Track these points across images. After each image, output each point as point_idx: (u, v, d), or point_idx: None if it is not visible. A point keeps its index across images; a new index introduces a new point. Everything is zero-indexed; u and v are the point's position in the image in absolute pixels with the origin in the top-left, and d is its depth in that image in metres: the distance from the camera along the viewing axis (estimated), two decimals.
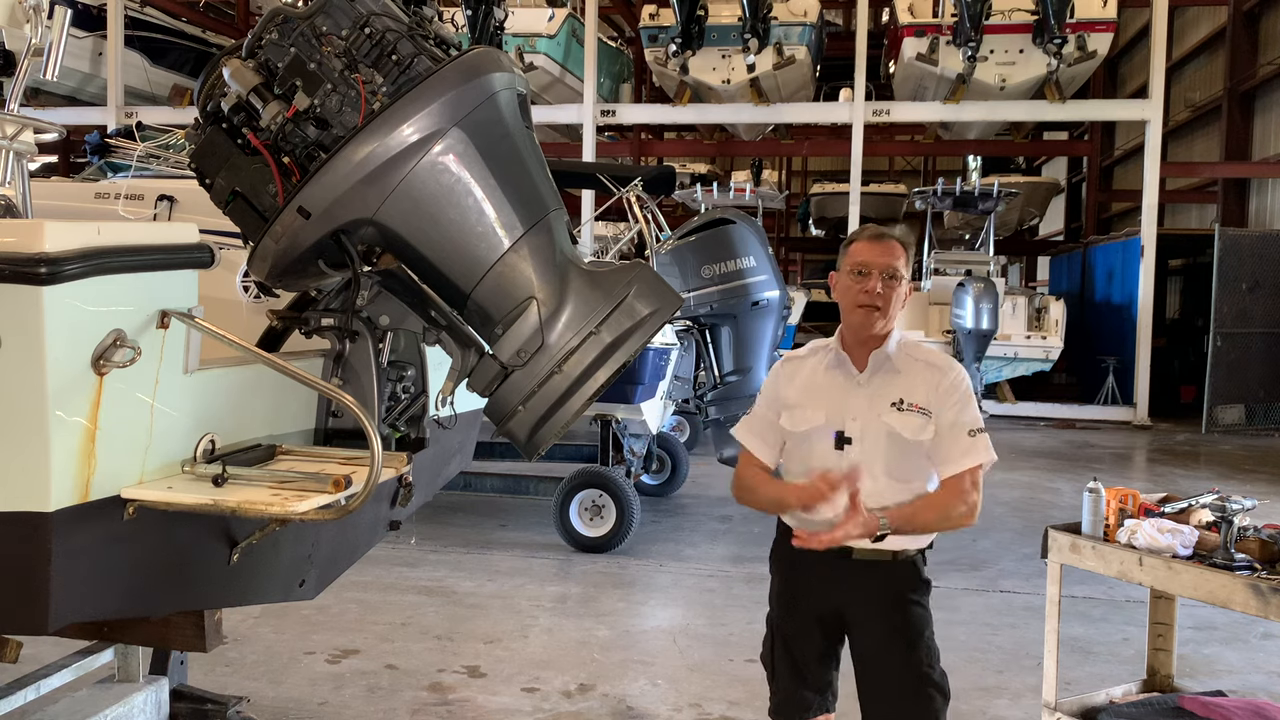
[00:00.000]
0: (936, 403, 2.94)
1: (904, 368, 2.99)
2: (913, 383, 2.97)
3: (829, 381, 3.04)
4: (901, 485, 2.95)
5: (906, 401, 2.94)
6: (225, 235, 3.38)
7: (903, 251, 2.98)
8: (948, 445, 2.93)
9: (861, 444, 2.96)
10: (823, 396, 3.02)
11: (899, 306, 2.98)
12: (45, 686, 3.79)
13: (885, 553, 2.98)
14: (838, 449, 2.97)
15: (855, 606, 3.03)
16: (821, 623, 3.09)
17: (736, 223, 8.45)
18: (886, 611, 3.00)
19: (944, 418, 2.93)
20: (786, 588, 3.17)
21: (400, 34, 3.03)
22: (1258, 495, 4.06)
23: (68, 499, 2.47)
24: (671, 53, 16.84)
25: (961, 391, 2.97)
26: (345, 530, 3.52)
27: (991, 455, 2.94)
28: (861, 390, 2.99)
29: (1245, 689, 5.06)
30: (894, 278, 2.94)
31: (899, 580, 3.01)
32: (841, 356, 3.03)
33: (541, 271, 2.99)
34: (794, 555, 2.96)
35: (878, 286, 2.93)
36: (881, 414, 2.95)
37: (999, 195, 16.54)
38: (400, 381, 3.36)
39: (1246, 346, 15.31)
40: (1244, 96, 20.16)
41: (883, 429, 2.94)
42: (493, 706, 4.78)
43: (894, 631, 2.99)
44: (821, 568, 3.01)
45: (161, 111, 16.72)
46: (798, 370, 3.12)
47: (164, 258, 2.64)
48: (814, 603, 3.09)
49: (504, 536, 8.07)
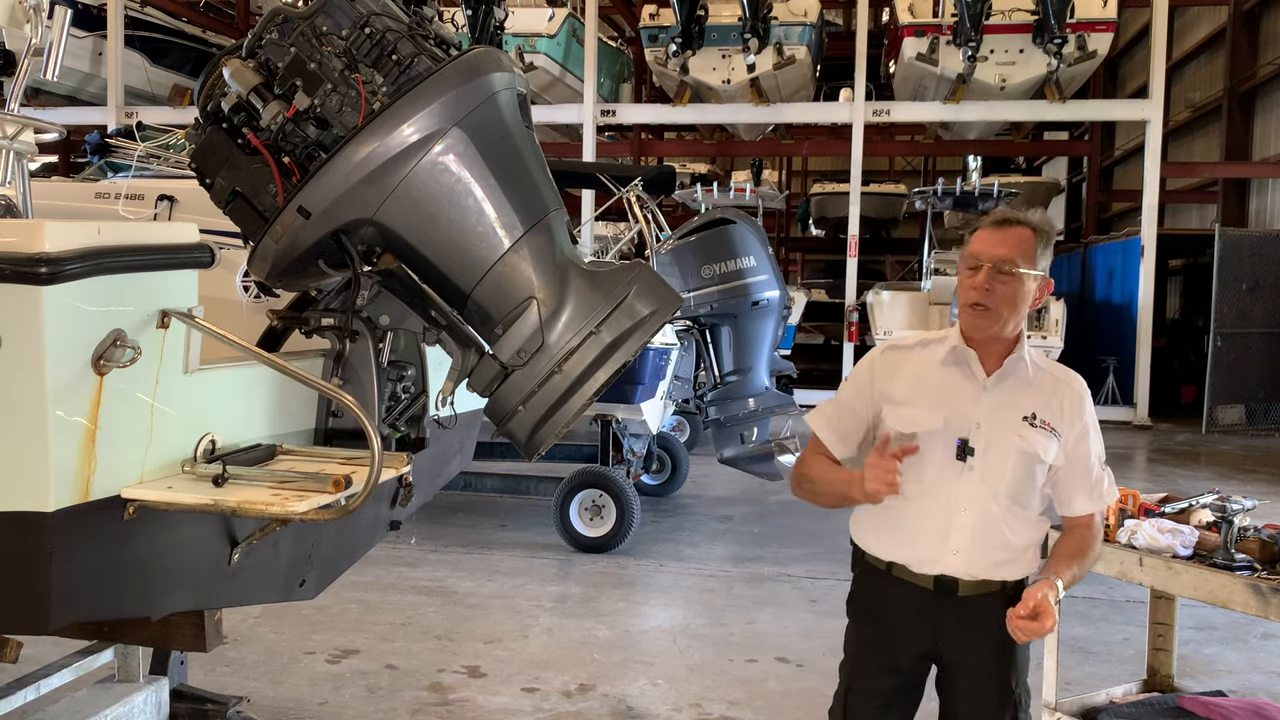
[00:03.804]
0: (1070, 424, 2.61)
1: (1036, 379, 2.63)
2: (1045, 397, 2.61)
3: (945, 380, 2.63)
4: (1023, 512, 2.61)
5: (1040, 417, 2.58)
6: (225, 235, 3.38)
7: (1031, 240, 2.54)
8: (1080, 476, 2.64)
9: (986, 458, 2.57)
10: (940, 396, 2.62)
11: (1023, 307, 2.57)
12: (45, 686, 3.78)
13: (994, 583, 2.63)
14: (959, 459, 2.58)
15: (951, 651, 2.69)
16: (909, 682, 2.75)
17: (736, 223, 8.45)
18: (987, 651, 2.65)
19: (1074, 443, 2.61)
20: (880, 638, 2.76)
21: (400, 34, 3.03)
22: (1258, 495, 4.06)
23: (68, 499, 2.47)
24: (671, 53, 16.83)
25: (1092, 414, 2.66)
26: (345, 530, 3.52)
27: (1116, 493, 2.72)
28: (987, 396, 2.60)
29: (1245, 689, 5.06)
30: (1010, 274, 2.51)
31: (1001, 617, 2.56)
32: (964, 353, 2.63)
33: (542, 271, 2.99)
34: (882, 600, 2.71)
35: (985, 281, 2.53)
36: (1012, 427, 2.58)
37: (999, 195, 16.54)
38: (400, 381, 3.36)
39: (1246, 346, 15.30)
40: (1244, 96, 20.16)
41: (1013, 444, 2.57)
42: (493, 706, 4.78)
43: (992, 673, 2.66)
44: (919, 608, 2.67)
45: (161, 111, 16.72)
46: (903, 362, 2.70)
47: (164, 258, 2.64)
48: (907, 650, 2.71)
49: (504, 536, 8.07)
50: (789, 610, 6.22)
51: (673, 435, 10.32)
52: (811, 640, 5.72)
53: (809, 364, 18.12)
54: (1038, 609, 2.44)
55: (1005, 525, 2.60)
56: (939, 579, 2.63)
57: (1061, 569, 2.57)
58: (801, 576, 6.88)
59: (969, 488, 2.58)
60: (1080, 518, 2.68)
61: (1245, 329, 15.28)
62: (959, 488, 2.59)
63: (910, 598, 2.67)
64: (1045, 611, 2.44)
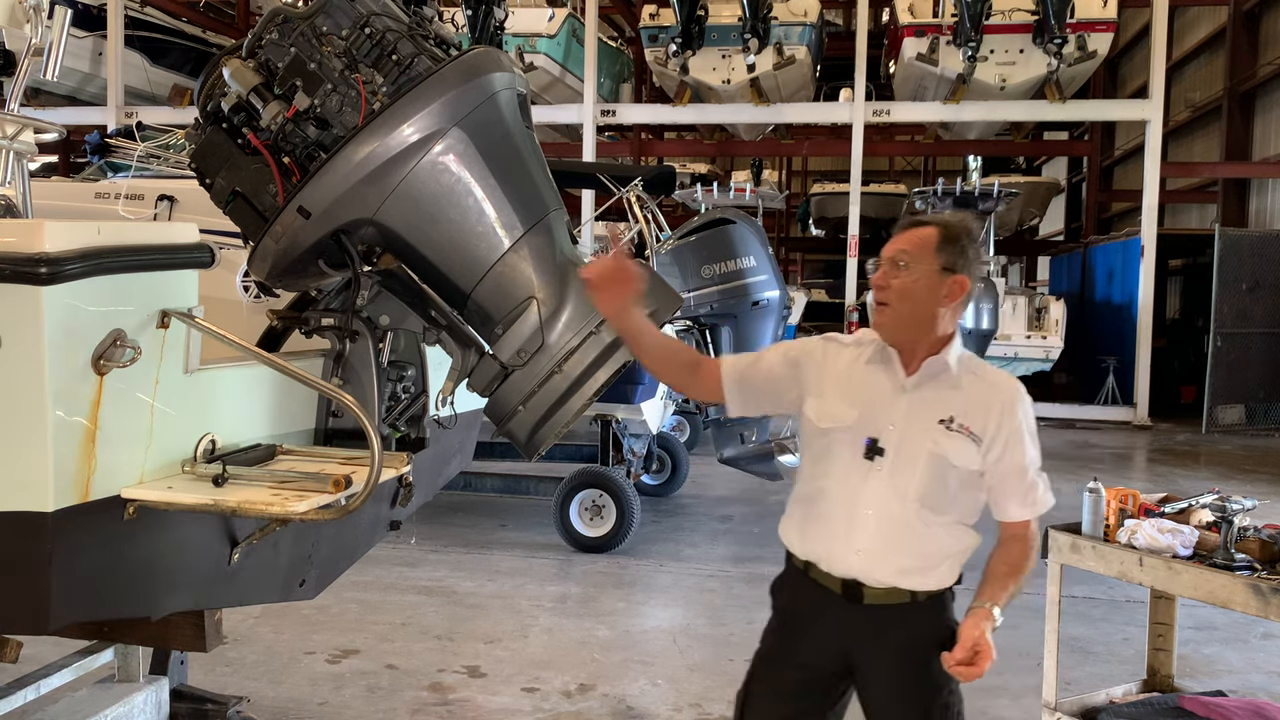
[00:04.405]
0: (995, 430, 2.53)
1: (962, 384, 2.58)
2: (971, 402, 2.55)
3: (867, 378, 2.61)
4: (934, 517, 2.55)
5: (958, 421, 2.53)
6: (225, 235, 3.38)
7: (931, 237, 2.53)
8: (1013, 482, 2.57)
9: (896, 458, 2.54)
10: (858, 394, 2.59)
11: (922, 303, 2.53)
12: (45, 686, 3.79)
13: (902, 591, 2.57)
14: (867, 459, 2.55)
15: (864, 658, 2.63)
16: (818, 676, 2.69)
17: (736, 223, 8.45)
18: (900, 664, 2.60)
19: (1004, 451, 2.54)
20: (792, 634, 2.74)
21: (400, 34, 3.04)
22: (1258, 495, 4.06)
23: (68, 499, 2.47)
24: (671, 53, 16.82)
25: (1029, 421, 2.59)
26: (345, 530, 3.52)
27: (1051, 500, 2.63)
28: (905, 396, 2.57)
29: (1245, 689, 5.06)
30: (901, 266, 2.52)
31: (916, 628, 2.59)
32: (888, 353, 2.61)
33: (541, 271, 2.99)
34: (796, 592, 2.70)
35: (881, 278, 2.54)
36: (926, 429, 2.54)
37: (999, 195, 16.53)
38: (400, 381, 3.36)
39: (1246, 346, 15.30)
40: (1244, 96, 20.16)
41: (924, 447, 2.53)
42: (493, 706, 4.78)
43: (909, 687, 2.61)
44: (828, 614, 2.64)
45: (161, 111, 16.70)
46: (836, 356, 2.67)
47: (164, 258, 2.64)
48: (815, 653, 2.68)
49: (504, 536, 8.07)
50: None
51: (673, 435, 10.32)
52: None
53: None
54: (976, 648, 2.42)
55: (913, 529, 2.55)
56: (846, 583, 2.60)
57: (997, 592, 2.52)
58: None
59: (875, 487, 2.55)
60: (1014, 525, 2.62)
61: (1245, 329, 15.28)
62: (865, 487, 2.56)
63: (822, 600, 2.64)
64: (984, 652, 2.42)
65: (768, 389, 2.71)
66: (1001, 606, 2.49)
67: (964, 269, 2.55)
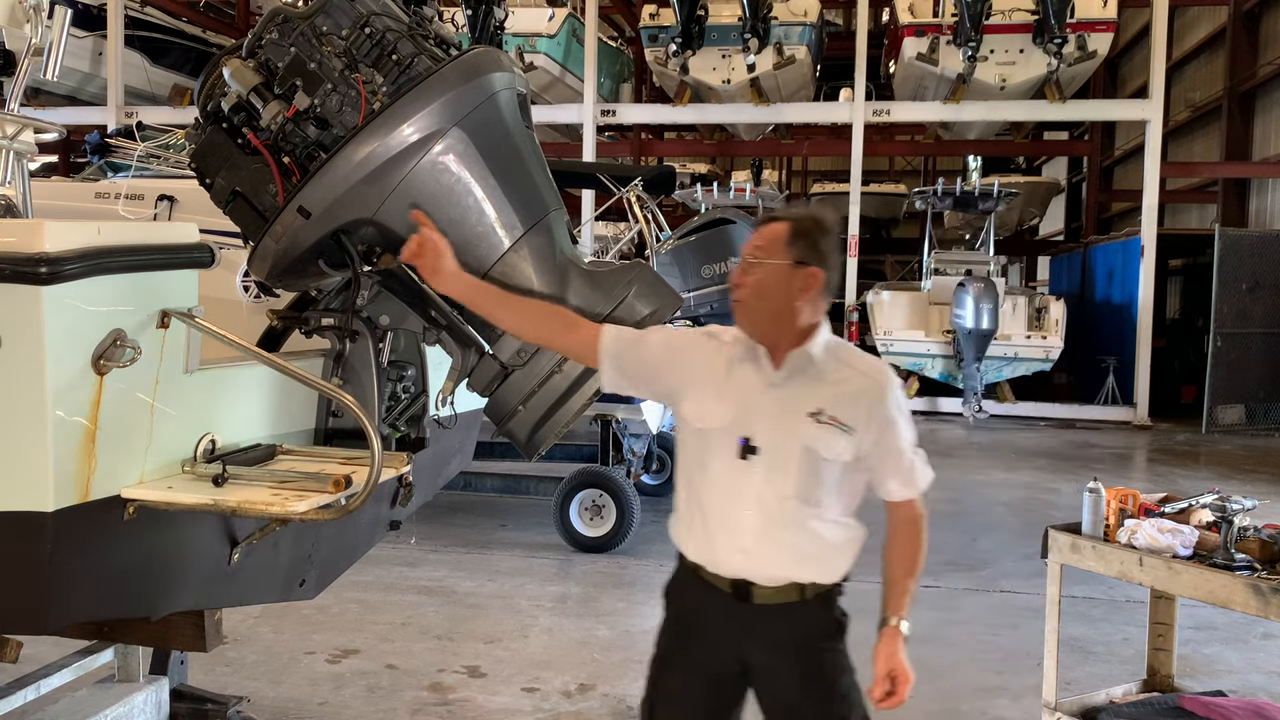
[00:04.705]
0: (867, 418, 2.55)
1: (830, 374, 2.58)
2: (840, 392, 2.55)
3: (739, 376, 2.59)
4: (813, 510, 2.55)
5: (827, 413, 2.53)
6: (225, 235, 3.38)
7: (782, 233, 2.53)
8: (891, 464, 2.60)
9: (771, 456, 2.53)
10: (730, 392, 2.58)
11: (776, 297, 2.53)
12: (45, 686, 3.79)
13: (791, 589, 2.58)
14: (742, 458, 2.53)
15: (759, 656, 2.62)
16: (719, 676, 2.67)
17: (736, 223, 8.46)
18: (795, 660, 2.61)
19: (881, 436, 2.56)
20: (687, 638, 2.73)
21: (400, 34, 3.04)
22: (1258, 495, 4.06)
23: (68, 499, 2.47)
24: (671, 53, 16.83)
25: (899, 404, 2.61)
26: (345, 530, 3.52)
27: (930, 474, 2.66)
28: (774, 392, 2.56)
29: (1245, 689, 5.06)
30: (754, 262, 2.54)
31: (806, 624, 2.60)
32: (756, 350, 2.59)
33: (541, 271, 2.99)
34: (688, 595, 2.69)
35: (738, 276, 2.57)
36: (796, 424, 2.53)
37: (999, 195, 16.55)
38: (400, 381, 3.36)
39: (1246, 346, 15.30)
40: (1244, 96, 20.16)
41: (796, 442, 2.53)
42: (493, 706, 4.78)
43: (805, 682, 2.60)
44: (720, 615, 2.63)
45: (161, 111, 16.70)
46: (716, 354, 2.64)
47: (164, 258, 2.64)
48: (712, 655, 2.67)
49: (504, 536, 8.07)
50: None
51: (673, 435, 10.30)
52: None
53: None
54: (893, 675, 2.48)
55: (794, 526, 2.55)
56: (735, 583, 2.59)
57: (899, 600, 2.56)
58: None
59: (753, 486, 2.54)
60: (900, 507, 2.64)
61: (1245, 329, 15.28)
62: (743, 486, 2.55)
63: (713, 602, 2.63)
64: (901, 678, 2.48)
65: (643, 371, 2.68)
66: (906, 616, 2.54)
67: (817, 261, 2.54)
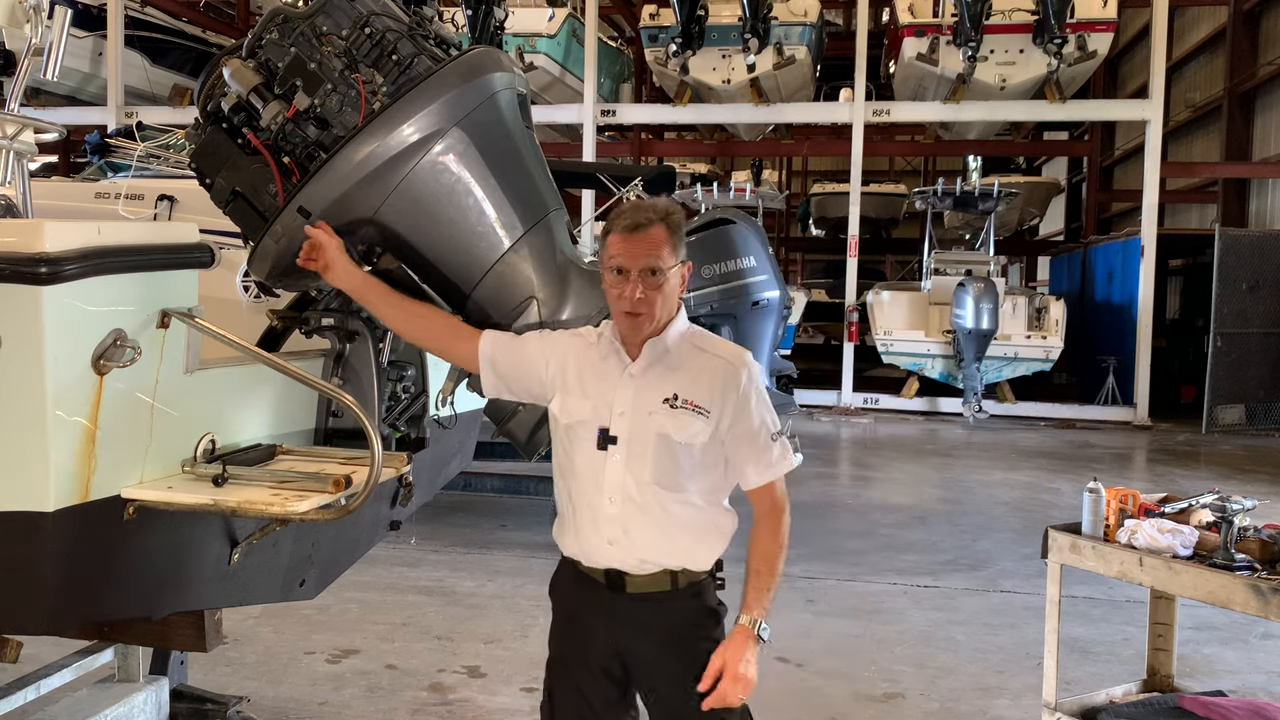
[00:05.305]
0: (721, 401, 2.57)
1: (687, 361, 2.61)
2: (695, 378, 2.58)
3: (601, 369, 2.64)
4: (674, 496, 2.57)
5: (682, 398, 2.56)
6: (225, 235, 3.38)
7: (666, 236, 2.55)
8: (746, 447, 2.59)
9: (628, 445, 2.57)
10: (592, 386, 2.63)
11: (673, 300, 2.59)
12: (45, 686, 3.79)
13: (663, 576, 2.60)
14: (601, 449, 2.58)
15: (636, 647, 2.64)
16: (606, 670, 2.67)
17: (736, 223, 8.46)
18: (669, 650, 2.62)
19: (736, 418, 2.57)
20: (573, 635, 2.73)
21: (400, 34, 3.03)
22: (1258, 495, 4.07)
23: (68, 499, 2.47)
24: (671, 53, 16.83)
25: (756, 387, 2.60)
26: (345, 530, 3.52)
27: (794, 460, 2.66)
28: (632, 382, 2.60)
29: (1245, 689, 5.06)
30: (656, 273, 2.53)
31: (681, 614, 2.62)
32: (614, 343, 2.64)
33: (542, 271, 2.99)
34: (569, 591, 2.72)
35: (638, 291, 2.53)
36: (651, 411, 2.56)
37: (999, 195, 16.55)
38: (400, 381, 3.37)
39: (1246, 346, 15.30)
40: (1244, 96, 20.17)
41: (651, 428, 2.55)
42: (493, 706, 4.78)
43: (681, 673, 2.59)
44: (599, 608, 2.65)
45: (161, 111, 16.71)
46: (583, 353, 2.69)
47: (164, 258, 2.64)
48: (598, 649, 2.67)
49: (504, 536, 8.06)
50: (787, 610, 6.21)
51: None
52: (810, 640, 5.72)
53: (809, 364, 18.10)
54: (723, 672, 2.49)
55: (656, 512, 2.57)
56: (608, 573, 2.62)
57: (759, 598, 2.54)
58: (798, 576, 6.88)
59: (613, 476, 2.57)
60: (759, 494, 2.62)
61: (1245, 329, 15.28)
62: (604, 476, 2.58)
63: (592, 595, 2.66)
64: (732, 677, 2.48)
65: (516, 373, 2.73)
66: (765, 616, 2.53)
67: (685, 252, 2.62)
